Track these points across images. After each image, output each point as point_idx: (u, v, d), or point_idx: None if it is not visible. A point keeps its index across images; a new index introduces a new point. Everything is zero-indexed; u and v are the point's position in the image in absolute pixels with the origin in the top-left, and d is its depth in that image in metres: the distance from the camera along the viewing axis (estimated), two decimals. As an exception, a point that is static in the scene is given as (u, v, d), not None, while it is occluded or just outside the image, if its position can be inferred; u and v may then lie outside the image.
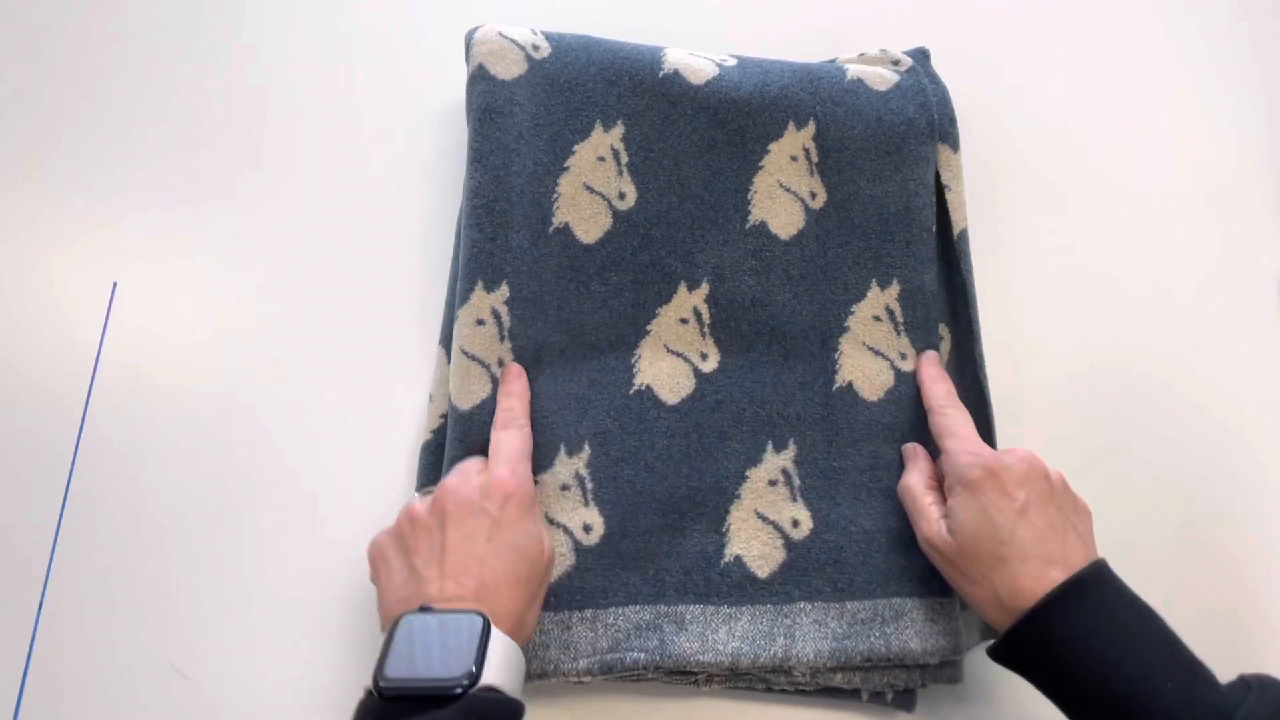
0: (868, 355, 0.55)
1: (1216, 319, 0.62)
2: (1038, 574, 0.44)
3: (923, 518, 0.49)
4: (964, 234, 0.58)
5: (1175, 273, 0.63)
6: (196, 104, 0.63)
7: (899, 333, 0.55)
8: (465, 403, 0.50)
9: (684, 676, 0.50)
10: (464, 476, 0.46)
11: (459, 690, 0.37)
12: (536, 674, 0.48)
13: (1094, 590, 0.44)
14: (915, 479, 0.51)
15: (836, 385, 0.54)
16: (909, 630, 0.50)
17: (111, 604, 0.52)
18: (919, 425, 0.54)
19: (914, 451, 0.53)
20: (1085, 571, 0.44)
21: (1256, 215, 0.65)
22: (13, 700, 0.50)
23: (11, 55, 0.63)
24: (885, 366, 0.55)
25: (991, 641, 0.46)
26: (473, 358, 0.51)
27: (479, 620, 0.39)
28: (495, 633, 0.40)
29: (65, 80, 0.63)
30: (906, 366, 0.55)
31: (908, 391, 0.54)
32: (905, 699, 0.51)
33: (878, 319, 0.55)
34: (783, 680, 0.50)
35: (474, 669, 0.38)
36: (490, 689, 0.39)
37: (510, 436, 0.49)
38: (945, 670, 0.51)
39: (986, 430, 0.55)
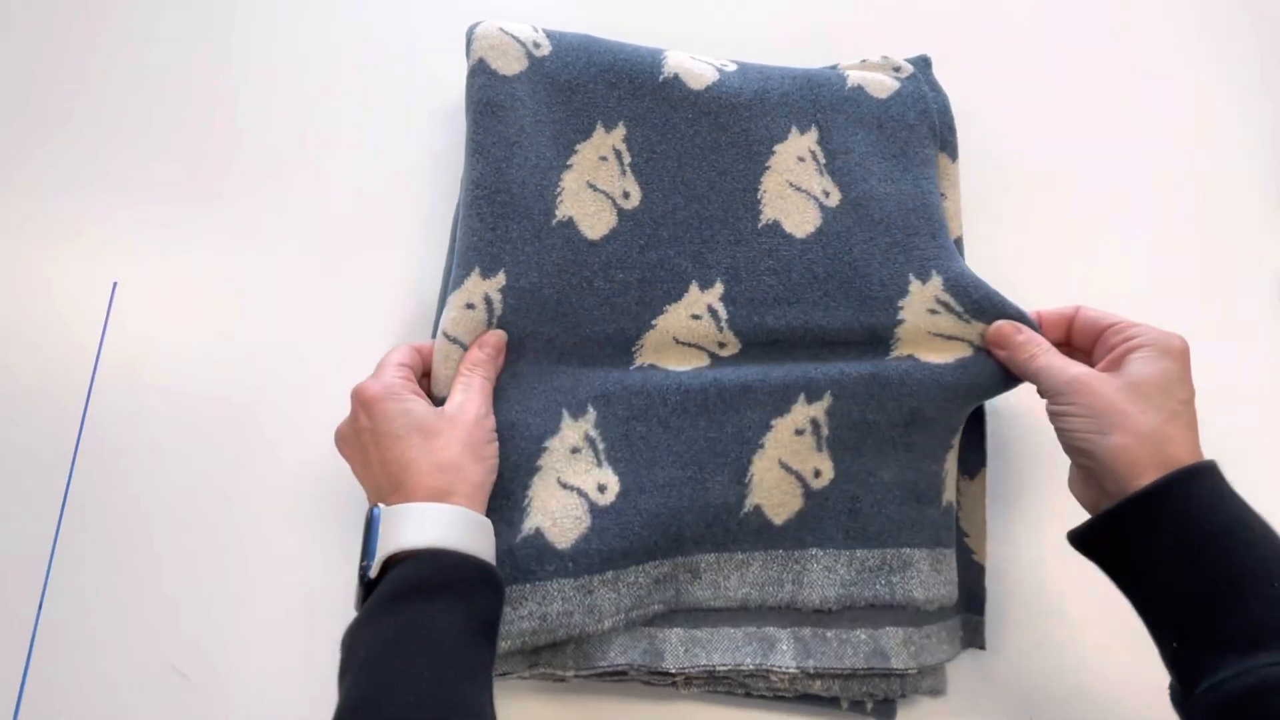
0: (937, 341, 0.53)
1: (1216, 319, 0.62)
2: (1194, 447, 0.45)
3: (1064, 365, 0.48)
4: (959, 242, 0.58)
5: (1175, 274, 0.63)
6: (196, 103, 0.63)
7: (967, 321, 0.53)
8: (443, 389, 0.50)
9: (662, 678, 0.50)
10: (347, 416, 0.49)
11: (368, 577, 0.42)
12: (563, 639, 0.47)
13: (1223, 480, 0.44)
14: (1038, 349, 0.50)
15: (893, 354, 0.53)
16: (914, 580, 0.50)
17: (111, 604, 0.52)
18: (981, 393, 0.52)
19: (1017, 328, 0.51)
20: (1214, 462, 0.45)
21: (1256, 215, 0.65)
22: (13, 700, 0.50)
23: (11, 55, 0.63)
24: (963, 346, 0.53)
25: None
26: (454, 340, 0.50)
27: (370, 513, 0.43)
28: (391, 509, 0.43)
29: (65, 80, 0.63)
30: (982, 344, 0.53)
31: (983, 363, 0.52)
32: (885, 709, 0.51)
33: (934, 311, 0.53)
34: (761, 686, 0.50)
35: (367, 555, 0.42)
36: (409, 552, 0.42)
37: (393, 352, 0.50)
38: (927, 681, 0.51)
39: (979, 437, 0.55)
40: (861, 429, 0.52)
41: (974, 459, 0.55)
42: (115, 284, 0.59)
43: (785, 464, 0.52)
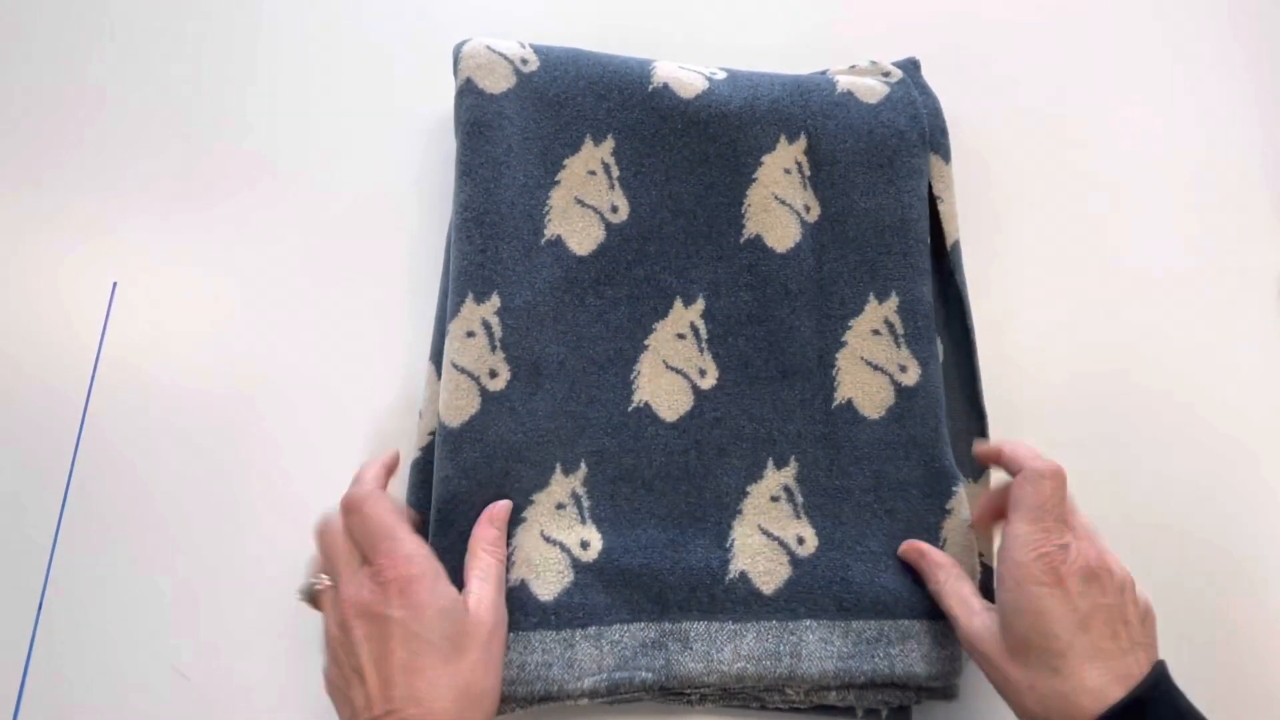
0: (866, 370, 0.54)
1: (1216, 320, 0.62)
2: (1096, 693, 0.40)
3: (963, 615, 0.46)
4: (956, 245, 0.58)
5: (1174, 276, 0.63)
6: (193, 109, 0.63)
7: (899, 345, 0.54)
8: (454, 419, 0.50)
9: (677, 697, 0.50)
10: (352, 575, 0.43)
11: None
12: (540, 695, 0.47)
13: (1152, 712, 0.40)
14: (945, 578, 0.48)
15: (836, 402, 0.54)
16: (915, 653, 0.49)
17: (112, 604, 0.52)
18: (922, 443, 0.53)
19: (922, 552, 0.50)
20: (1143, 690, 0.40)
21: (1256, 215, 0.65)
22: (13, 700, 0.50)
23: (12, 58, 0.63)
24: (885, 382, 0.54)
25: None
26: (462, 370, 0.50)
27: None
28: None
29: (65, 82, 0.63)
30: (907, 380, 0.54)
31: (910, 408, 0.53)
32: (899, 716, 0.51)
33: (876, 333, 0.54)
34: (776, 699, 0.50)
35: None
36: None
37: (376, 501, 0.45)
38: (941, 687, 0.50)
39: (984, 438, 0.55)
40: (835, 495, 0.52)
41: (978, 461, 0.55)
42: (115, 284, 0.59)
43: (766, 530, 0.52)
